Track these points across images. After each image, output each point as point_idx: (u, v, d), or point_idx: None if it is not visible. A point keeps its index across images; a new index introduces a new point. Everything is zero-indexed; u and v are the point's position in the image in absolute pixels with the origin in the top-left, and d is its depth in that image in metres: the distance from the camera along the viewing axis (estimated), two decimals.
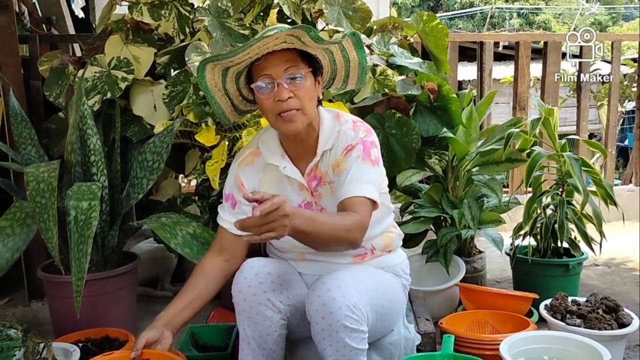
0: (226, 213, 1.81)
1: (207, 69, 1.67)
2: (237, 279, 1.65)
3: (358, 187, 1.61)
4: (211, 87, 1.72)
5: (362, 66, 1.78)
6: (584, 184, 2.44)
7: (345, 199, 1.61)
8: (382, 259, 1.82)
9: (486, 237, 2.64)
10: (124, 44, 2.52)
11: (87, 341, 2.15)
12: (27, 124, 2.58)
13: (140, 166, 2.40)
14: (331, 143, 1.72)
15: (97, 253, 2.37)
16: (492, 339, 2.04)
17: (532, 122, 2.48)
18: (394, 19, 2.88)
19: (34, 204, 2.08)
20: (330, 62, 1.76)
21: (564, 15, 21.30)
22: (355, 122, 1.75)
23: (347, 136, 1.70)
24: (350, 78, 1.82)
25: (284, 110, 1.61)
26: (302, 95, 1.63)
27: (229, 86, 1.74)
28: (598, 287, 2.99)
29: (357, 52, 1.74)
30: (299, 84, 1.62)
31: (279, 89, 1.60)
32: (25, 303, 2.92)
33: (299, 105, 1.62)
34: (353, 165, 1.65)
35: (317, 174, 1.75)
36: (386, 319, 1.74)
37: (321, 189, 1.75)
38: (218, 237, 1.83)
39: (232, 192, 1.81)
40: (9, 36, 2.88)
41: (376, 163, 1.69)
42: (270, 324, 1.63)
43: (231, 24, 2.37)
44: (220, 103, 1.78)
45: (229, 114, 1.83)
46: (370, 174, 1.65)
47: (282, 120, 1.64)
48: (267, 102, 1.64)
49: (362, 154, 1.66)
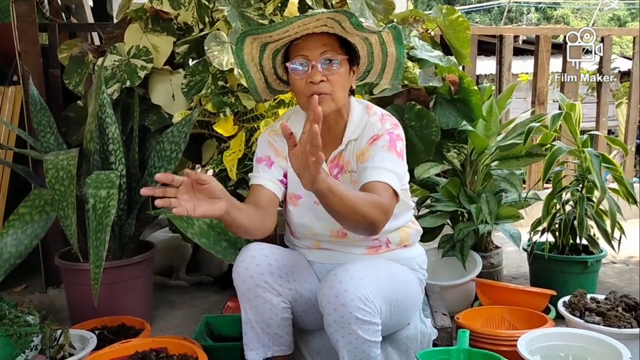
0: (260, 172, 1.75)
1: (247, 42, 1.67)
2: (236, 263, 1.66)
3: (382, 173, 1.59)
4: (247, 61, 1.73)
5: (399, 62, 1.77)
6: (602, 181, 2.41)
7: (367, 183, 1.59)
8: (397, 252, 1.81)
9: (504, 232, 2.61)
10: (144, 33, 2.52)
11: (104, 329, 2.17)
12: (46, 112, 2.60)
13: (158, 155, 2.40)
14: (358, 133, 1.71)
15: (114, 241, 2.38)
16: (509, 335, 2.02)
17: (554, 117, 2.45)
18: (415, 12, 2.85)
19: (52, 192, 2.09)
20: (368, 54, 1.75)
21: (582, 10, 21.04)
22: (384, 115, 1.74)
23: (374, 127, 1.69)
24: (385, 72, 1.81)
25: (314, 92, 1.61)
26: (334, 81, 1.63)
27: (265, 62, 1.75)
28: (616, 285, 2.96)
29: (395, 47, 1.73)
30: (334, 69, 1.62)
31: (312, 70, 1.61)
32: (42, 290, 2.95)
33: (330, 90, 1.63)
34: (378, 153, 1.64)
35: (340, 162, 1.75)
36: (401, 312, 1.73)
37: (342, 177, 1.74)
38: (252, 195, 1.72)
39: (267, 154, 1.77)
40: (29, 24, 2.89)
41: (401, 155, 1.68)
42: (271, 307, 1.63)
43: (251, 13, 2.36)
44: (254, 78, 1.78)
45: (261, 91, 1.83)
46: (394, 164, 1.63)
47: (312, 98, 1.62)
48: (299, 83, 1.64)
49: (388, 144, 1.65)
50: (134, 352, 1.84)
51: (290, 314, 1.70)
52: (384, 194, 1.56)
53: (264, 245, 1.70)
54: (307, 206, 1.76)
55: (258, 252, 1.65)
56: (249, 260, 1.63)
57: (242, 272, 1.63)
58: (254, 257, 1.64)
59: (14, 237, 2.21)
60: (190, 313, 2.68)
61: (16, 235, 2.22)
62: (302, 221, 1.78)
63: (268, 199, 1.72)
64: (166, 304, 2.80)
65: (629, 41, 13.37)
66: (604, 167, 2.47)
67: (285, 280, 1.66)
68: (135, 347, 1.85)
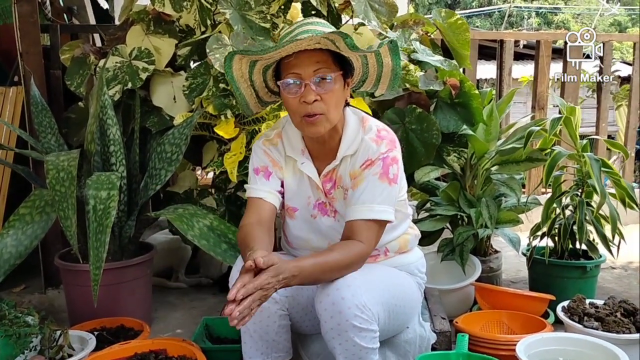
0: (259, 184, 1.74)
1: (235, 59, 1.64)
2: (232, 272, 1.66)
3: (369, 209, 1.60)
4: (237, 77, 1.70)
5: (395, 72, 1.73)
6: (602, 186, 2.41)
7: (353, 221, 1.61)
8: (395, 259, 1.81)
9: (503, 237, 2.62)
10: (145, 35, 2.53)
11: (103, 330, 2.17)
12: (48, 112, 2.60)
13: (158, 157, 2.41)
14: (353, 149, 1.68)
15: (114, 243, 2.38)
16: (507, 339, 2.02)
17: (553, 121, 2.45)
18: (415, 15, 2.87)
19: (53, 193, 2.09)
20: (363, 65, 1.71)
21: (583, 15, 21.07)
22: (380, 131, 1.69)
23: (369, 148, 1.65)
24: (381, 83, 1.78)
25: (308, 113, 1.59)
26: (328, 100, 1.59)
27: (256, 77, 1.72)
28: (615, 290, 2.96)
29: (392, 58, 1.69)
30: (328, 86, 1.58)
31: (306, 89, 1.57)
32: (41, 290, 2.95)
33: (324, 109, 1.59)
34: (369, 184, 1.63)
35: (334, 177, 1.73)
36: (399, 317, 1.72)
37: (335, 192, 1.73)
38: (253, 210, 1.71)
39: (264, 164, 1.75)
40: (30, 25, 2.90)
41: (394, 181, 1.65)
42: (269, 315, 1.62)
43: (252, 16, 2.37)
44: (244, 94, 1.75)
45: (253, 106, 1.80)
46: (385, 194, 1.62)
47: (305, 122, 1.61)
48: (292, 102, 1.61)
49: (380, 171, 1.63)
50: (133, 353, 1.84)
51: (288, 321, 1.69)
52: (367, 234, 1.59)
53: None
54: (304, 219, 1.76)
55: None
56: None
57: None
58: None
59: (14, 238, 2.21)
60: (190, 315, 2.68)
61: (16, 235, 2.22)
62: (299, 234, 1.78)
63: (270, 213, 1.72)
64: (165, 306, 2.80)
65: (629, 47, 13.42)
66: (604, 172, 2.47)
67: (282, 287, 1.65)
68: (135, 349, 1.85)
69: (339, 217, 1.73)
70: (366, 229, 1.59)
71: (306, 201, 1.76)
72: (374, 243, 1.62)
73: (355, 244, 1.57)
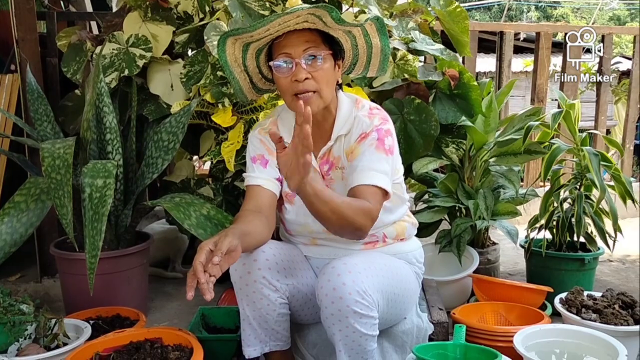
0: (257, 172, 1.74)
1: (228, 43, 1.65)
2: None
3: (370, 175, 1.59)
4: (231, 62, 1.70)
5: (384, 53, 1.75)
6: (602, 180, 2.40)
7: (356, 187, 1.59)
8: (393, 246, 1.81)
9: (501, 228, 2.61)
10: (143, 22, 2.50)
11: (98, 319, 2.16)
12: (43, 100, 2.58)
13: (155, 146, 2.39)
14: (347, 128, 1.69)
15: (110, 232, 2.37)
16: (505, 330, 2.02)
17: (554, 116, 2.44)
18: (414, 4, 2.84)
19: (49, 180, 2.07)
20: (352, 47, 1.73)
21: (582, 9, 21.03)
22: (372, 108, 1.72)
23: (363, 123, 1.67)
24: (371, 65, 1.79)
25: (300, 91, 1.60)
26: (319, 77, 1.60)
27: (249, 62, 1.72)
28: (612, 283, 2.96)
29: (380, 38, 1.71)
30: (318, 65, 1.60)
31: (296, 68, 1.59)
32: (36, 279, 2.93)
33: (316, 87, 1.60)
34: (366, 152, 1.63)
35: (330, 158, 1.73)
36: (398, 306, 1.72)
37: (333, 173, 1.73)
38: (252, 198, 1.70)
39: (260, 153, 1.75)
40: (26, 12, 2.86)
41: (390, 152, 1.65)
42: (269, 303, 1.62)
43: (251, 4, 2.34)
44: (239, 79, 1.76)
45: (247, 91, 1.80)
46: (382, 164, 1.62)
47: (297, 101, 1.61)
48: (284, 82, 1.62)
49: (376, 142, 1.64)
50: (128, 342, 1.83)
51: (288, 310, 1.69)
52: (372, 198, 1.57)
53: None
54: (302, 203, 1.74)
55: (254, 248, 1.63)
56: (246, 256, 1.61)
57: (240, 268, 1.61)
58: (251, 253, 1.62)
59: (9, 226, 2.19)
60: (186, 304, 2.67)
61: (11, 223, 2.19)
62: (297, 219, 1.77)
63: (269, 200, 1.71)
64: (162, 295, 2.79)
65: (628, 41, 13.42)
66: (603, 166, 2.46)
67: (283, 275, 1.64)
68: (130, 337, 1.84)
69: None
70: (369, 193, 1.57)
71: None
72: (378, 207, 1.59)
73: (362, 200, 1.55)
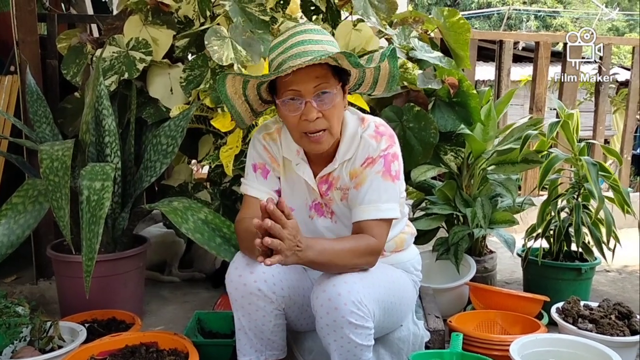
0: (257, 183, 1.72)
1: (228, 78, 1.61)
2: (229, 270, 1.63)
3: (376, 208, 1.59)
4: (231, 95, 1.66)
5: (392, 75, 1.70)
6: (600, 190, 2.40)
7: (361, 221, 1.59)
8: (392, 257, 1.81)
9: (498, 237, 2.61)
10: (143, 25, 2.51)
11: (94, 322, 2.16)
12: (43, 102, 2.58)
13: (154, 149, 2.39)
14: (352, 153, 1.66)
15: (107, 234, 2.36)
16: (501, 339, 2.02)
17: (551, 125, 2.44)
18: (415, 13, 2.85)
19: (47, 182, 2.07)
20: (360, 71, 1.68)
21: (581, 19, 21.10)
22: (378, 126, 1.66)
23: (369, 146, 1.63)
24: (378, 85, 1.75)
25: (310, 131, 1.56)
26: (330, 115, 1.56)
27: (249, 92, 1.67)
28: (609, 294, 2.96)
29: (389, 61, 1.65)
30: (328, 101, 1.54)
31: (306, 107, 1.53)
32: (32, 281, 2.92)
33: (327, 125, 1.56)
34: (373, 182, 1.61)
35: (329, 179, 1.70)
36: (394, 314, 1.72)
37: (332, 193, 1.71)
38: (250, 208, 1.69)
39: (262, 161, 1.73)
40: (27, 13, 2.87)
41: (396, 178, 1.64)
42: (264, 314, 1.61)
43: (252, 9, 2.35)
44: (239, 110, 1.71)
45: (247, 119, 1.76)
46: (389, 192, 1.62)
47: (308, 139, 1.58)
48: (292, 119, 1.57)
49: (383, 170, 1.62)
50: (123, 345, 1.82)
51: (284, 320, 1.68)
52: (377, 232, 1.58)
53: None
54: (301, 220, 1.72)
55: (251, 259, 1.60)
56: (242, 267, 1.60)
57: (235, 279, 1.60)
58: (248, 264, 1.60)
59: (6, 227, 2.18)
60: (182, 309, 2.66)
61: (8, 225, 2.19)
62: None
63: None
64: (158, 299, 2.78)
65: (626, 52, 13.47)
66: (601, 176, 2.46)
67: (279, 287, 1.62)
68: (125, 341, 1.84)
69: (335, 218, 1.72)
70: (376, 227, 1.58)
71: (303, 202, 1.74)
72: (384, 239, 1.61)
73: (367, 236, 1.57)
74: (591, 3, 19.99)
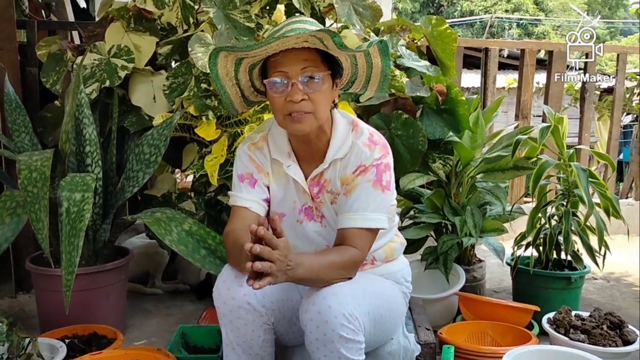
0: (244, 193, 1.68)
1: (220, 57, 1.58)
2: (217, 282, 1.57)
3: (362, 218, 1.57)
4: (222, 76, 1.64)
5: (384, 73, 1.68)
6: (590, 196, 2.39)
7: (346, 229, 1.57)
8: (382, 267, 1.77)
9: (488, 246, 2.58)
10: (125, 32, 2.46)
11: (74, 337, 2.10)
12: (22, 111, 2.52)
13: (136, 159, 2.34)
14: (343, 152, 1.63)
15: (88, 247, 2.31)
16: (492, 351, 2.00)
17: (542, 130, 2.42)
18: (402, 21, 2.82)
19: (25, 194, 2.01)
20: (352, 65, 1.66)
21: (562, 27, 21.36)
22: (372, 135, 1.65)
23: (362, 154, 1.61)
24: (370, 84, 1.73)
25: (294, 111, 1.54)
26: (316, 99, 1.54)
27: (241, 76, 1.66)
28: (597, 302, 2.95)
29: (381, 59, 1.64)
30: (315, 86, 1.53)
31: (292, 88, 1.52)
32: (11, 295, 2.85)
33: (312, 108, 1.54)
34: (363, 191, 1.59)
35: (321, 180, 1.67)
36: (385, 327, 1.68)
37: (322, 196, 1.68)
38: (239, 219, 1.64)
39: (249, 171, 1.69)
40: (6, 20, 2.81)
41: (387, 188, 1.62)
42: (253, 329, 1.56)
43: (237, 16, 2.31)
44: (230, 93, 1.69)
45: (238, 105, 1.74)
46: (379, 202, 1.60)
47: (290, 119, 1.56)
48: (278, 100, 1.55)
49: (374, 179, 1.59)
50: None
51: (273, 335, 1.63)
52: (360, 241, 1.56)
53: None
54: (290, 225, 1.70)
55: (240, 272, 1.55)
56: (231, 281, 1.55)
57: (224, 293, 1.54)
58: (236, 277, 1.55)
59: None
60: (166, 322, 2.60)
61: None
62: None
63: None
64: (140, 313, 2.72)
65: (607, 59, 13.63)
66: (590, 182, 2.45)
67: (269, 300, 1.57)
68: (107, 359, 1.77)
69: (325, 222, 1.69)
70: (359, 237, 1.56)
71: (292, 206, 1.70)
72: (367, 250, 1.59)
73: (349, 248, 1.55)
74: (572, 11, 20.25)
